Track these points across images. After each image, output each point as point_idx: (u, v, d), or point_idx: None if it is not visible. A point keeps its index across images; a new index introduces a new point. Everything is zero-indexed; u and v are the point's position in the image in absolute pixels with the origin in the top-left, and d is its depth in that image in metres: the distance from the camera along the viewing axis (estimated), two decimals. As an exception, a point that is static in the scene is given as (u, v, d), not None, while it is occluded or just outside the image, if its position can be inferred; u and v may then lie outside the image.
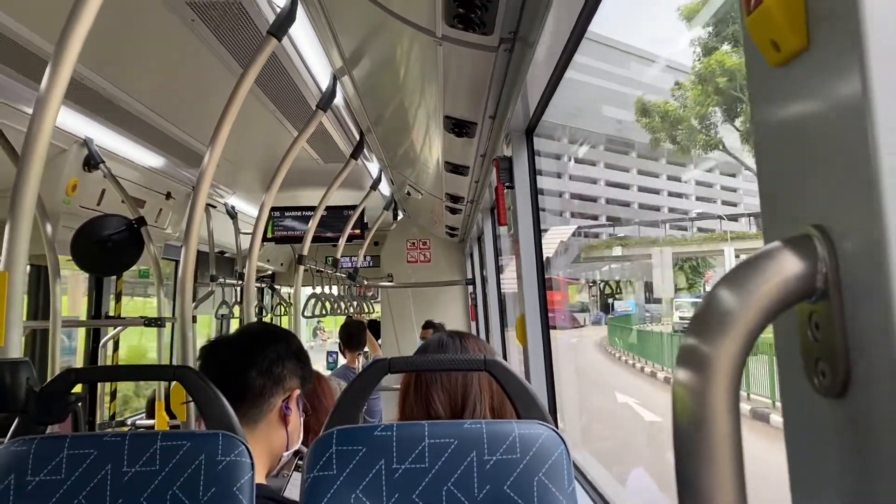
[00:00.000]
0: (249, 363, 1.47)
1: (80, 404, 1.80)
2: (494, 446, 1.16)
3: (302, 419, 1.61)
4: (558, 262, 37.99)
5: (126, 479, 1.13)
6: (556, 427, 1.22)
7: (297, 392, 1.56)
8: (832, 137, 0.42)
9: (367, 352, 5.60)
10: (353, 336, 5.06)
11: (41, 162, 1.27)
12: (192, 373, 1.26)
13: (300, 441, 1.64)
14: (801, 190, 0.45)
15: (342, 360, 5.26)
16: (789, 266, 0.42)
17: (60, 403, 1.18)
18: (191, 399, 1.41)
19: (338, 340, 5.40)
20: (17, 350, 1.24)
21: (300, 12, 1.88)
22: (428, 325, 5.56)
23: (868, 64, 0.39)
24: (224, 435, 1.17)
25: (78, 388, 1.25)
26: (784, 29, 0.44)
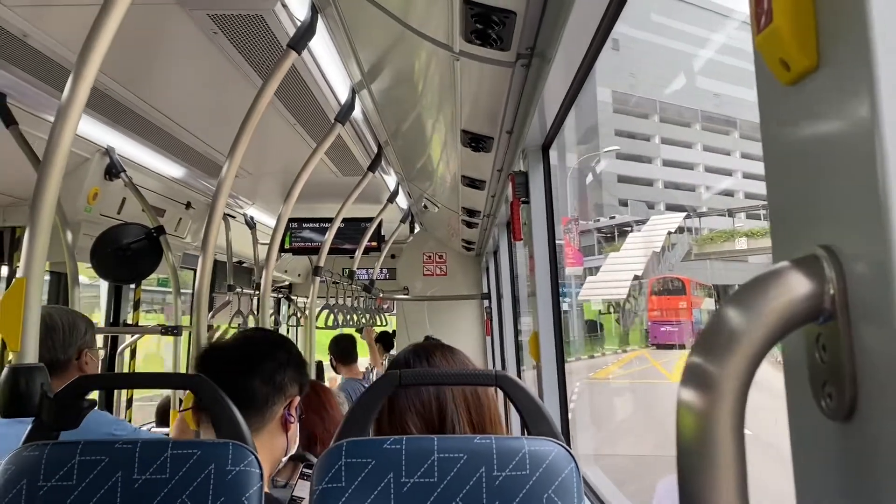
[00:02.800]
0: (253, 371, 1.48)
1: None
2: (504, 462, 1.15)
3: (297, 425, 1.63)
4: (664, 260, 34.22)
5: (136, 487, 1.13)
6: (568, 445, 1.21)
7: (297, 399, 1.58)
8: (842, 157, 0.42)
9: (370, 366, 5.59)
10: (347, 350, 5.08)
11: (61, 170, 1.28)
12: (203, 381, 1.26)
13: (297, 446, 1.65)
14: (810, 210, 0.45)
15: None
16: (797, 286, 0.42)
17: (74, 409, 1.19)
18: (187, 408, 1.43)
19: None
20: (32, 356, 1.26)
21: (320, 26, 1.90)
22: (426, 339, 5.53)
23: (878, 83, 0.38)
24: (234, 445, 1.17)
25: (94, 395, 1.26)
26: (794, 48, 0.44)
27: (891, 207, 0.38)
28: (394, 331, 7.49)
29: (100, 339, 4.16)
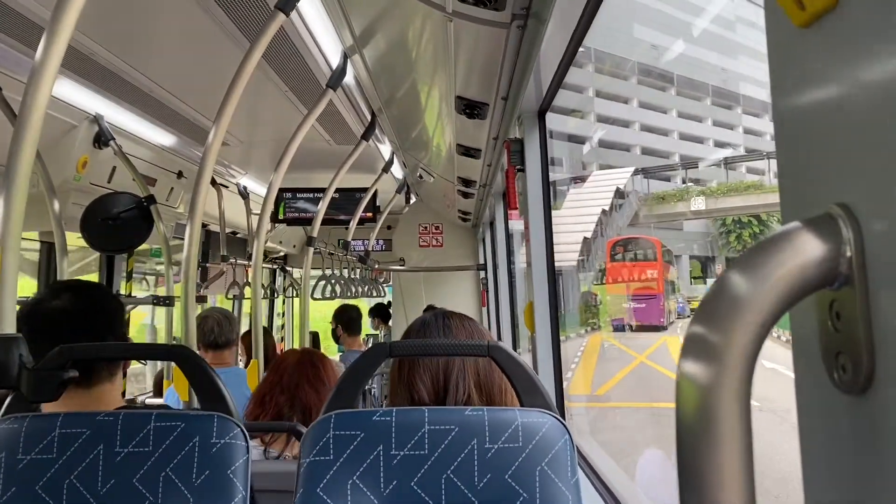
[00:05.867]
0: (110, 331, 1.49)
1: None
2: (496, 434, 1.12)
3: None
4: (611, 222, 28.08)
5: (119, 460, 1.10)
6: (562, 417, 1.19)
7: None
8: (864, 107, 0.37)
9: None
10: (353, 320, 5.03)
11: (36, 133, 1.23)
12: (187, 352, 1.23)
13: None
14: (825, 165, 0.41)
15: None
16: (810, 249, 0.38)
17: (54, 381, 1.15)
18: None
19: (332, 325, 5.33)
20: (10, 325, 1.22)
21: (309, -14, 1.84)
22: (429, 309, 5.52)
23: None
24: (219, 417, 1.14)
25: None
26: (810, -16, 0.39)
27: None
28: (389, 302, 7.48)
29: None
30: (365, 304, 7.37)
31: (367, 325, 6.68)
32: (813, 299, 0.42)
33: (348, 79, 2.57)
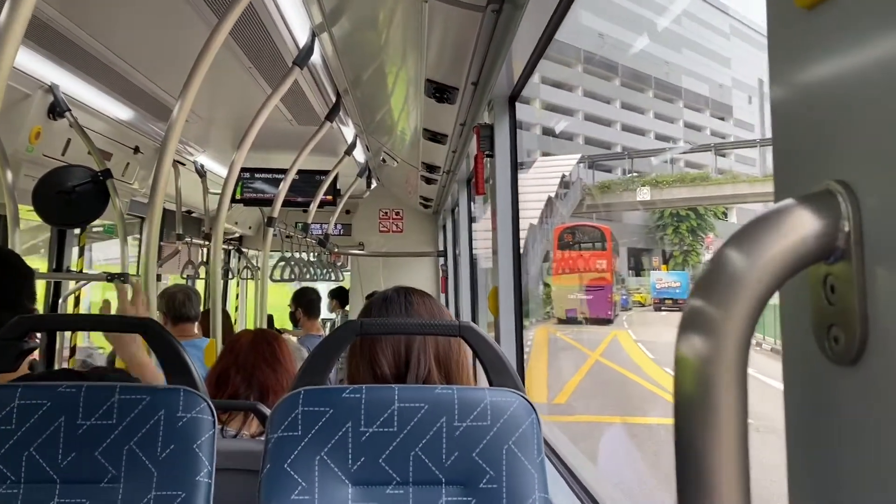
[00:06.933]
0: (20, 297, 1.46)
1: (37, 359, 1.75)
2: (465, 413, 1.13)
3: None
4: (557, 210, 26.92)
5: (80, 432, 1.08)
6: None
7: None
8: (865, 88, 0.39)
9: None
10: (313, 302, 4.99)
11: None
12: (156, 326, 1.21)
13: None
14: (825, 143, 0.42)
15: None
16: (808, 223, 0.39)
17: (12, 351, 1.12)
18: None
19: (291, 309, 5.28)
20: None
21: (280, -40, 1.81)
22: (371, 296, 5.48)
23: None
24: (185, 390, 1.13)
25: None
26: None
27: None
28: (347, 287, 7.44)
29: (41, 284, 4.02)
30: (321, 289, 7.31)
31: (323, 308, 6.64)
32: (805, 274, 0.43)
33: (315, 57, 2.54)
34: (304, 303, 4.98)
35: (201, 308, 3.69)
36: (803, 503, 0.45)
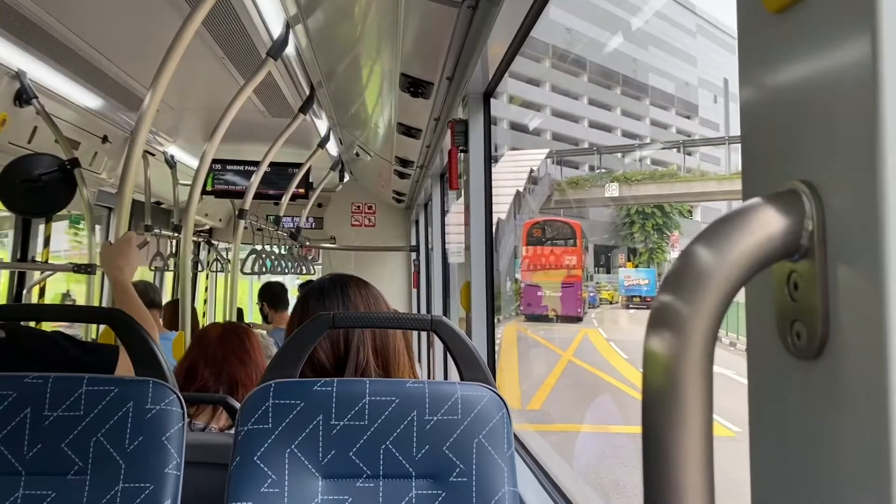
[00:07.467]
0: None
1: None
2: (436, 406, 1.14)
3: None
4: (526, 205, 26.66)
5: (47, 424, 1.07)
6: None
7: None
8: (833, 92, 0.40)
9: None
10: (278, 295, 4.96)
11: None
12: (124, 316, 1.20)
13: None
14: (791, 144, 0.43)
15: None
16: (773, 222, 0.40)
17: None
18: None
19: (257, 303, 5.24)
20: None
21: (254, -51, 1.79)
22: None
23: (880, 14, 0.36)
24: (154, 382, 1.12)
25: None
26: (785, -31, 0.42)
27: (883, 144, 0.36)
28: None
29: (5, 275, 3.94)
30: (290, 283, 7.26)
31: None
32: (769, 271, 0.44)
33: (289, 49, 2.52)
34: (269, 296, 4.96)
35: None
36: (766, 496, 0.46)
